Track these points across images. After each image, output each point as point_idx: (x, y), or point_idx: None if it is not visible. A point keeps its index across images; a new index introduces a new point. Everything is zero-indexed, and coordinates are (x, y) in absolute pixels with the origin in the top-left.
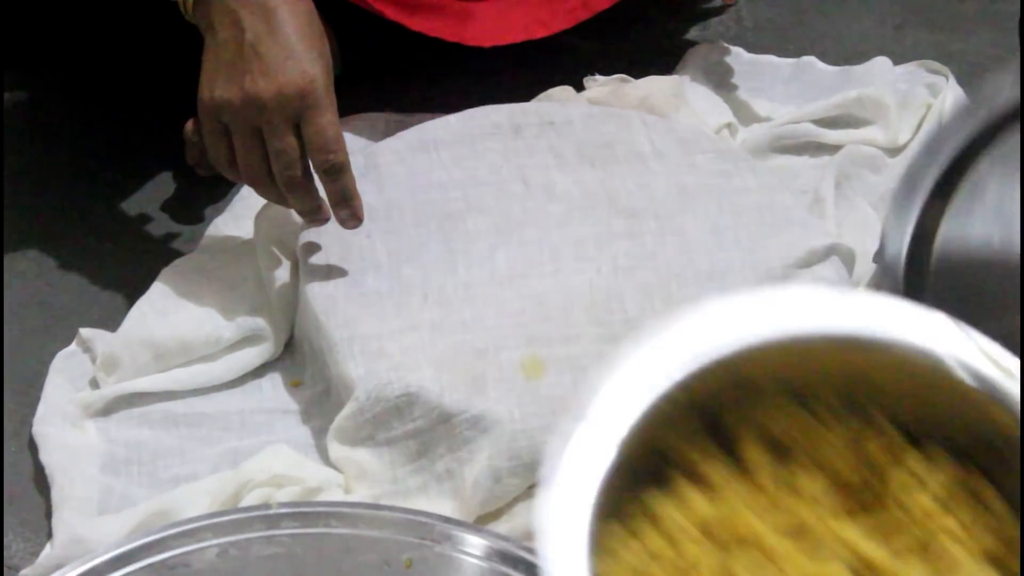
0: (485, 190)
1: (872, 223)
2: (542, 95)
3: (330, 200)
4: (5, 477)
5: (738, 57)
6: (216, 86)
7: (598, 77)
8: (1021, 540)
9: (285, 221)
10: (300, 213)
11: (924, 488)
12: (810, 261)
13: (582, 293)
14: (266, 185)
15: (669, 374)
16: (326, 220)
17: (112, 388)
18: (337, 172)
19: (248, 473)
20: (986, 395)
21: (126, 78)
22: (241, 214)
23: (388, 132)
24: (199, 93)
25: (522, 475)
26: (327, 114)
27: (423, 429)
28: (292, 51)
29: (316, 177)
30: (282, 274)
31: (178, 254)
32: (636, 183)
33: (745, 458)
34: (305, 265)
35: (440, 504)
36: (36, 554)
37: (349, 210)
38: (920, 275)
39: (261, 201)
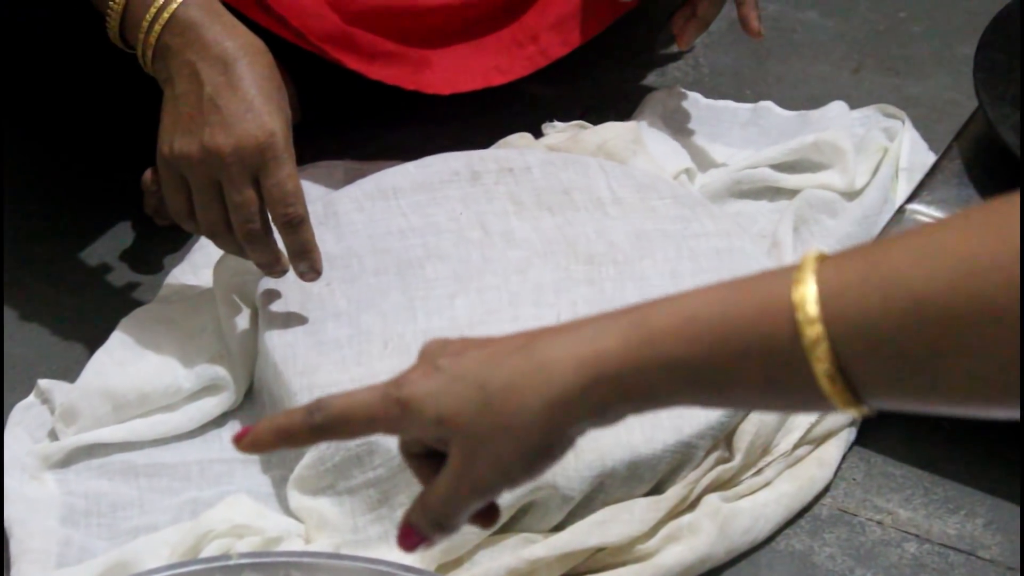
0: (444, 237)
1: None
2: (500, 142)
3: (289, 253)
4: None
5: (696, 102)
6: (175, 139)
7: (556, 124)
8: (1021, 538)
9: (244, 270)
10: (259, 266)
11: None
12: None
13: None
14: (225, 238)
15: None
16: (284, 272)
17: (71, 439)
18: (296, 225)
19: (208, 523)
20: None
21: (82, 128)
22: (200, 263)
23: (347, 180)
24: (158, 146)
25: None
26: (286, 167)
27: (384, 477)
28: (251, 105)
29: (275, 230)
30: (242, 322)
31: (137, 304)
32: (595, 229)
33: None
34: (265, 313)
35: (401, 553)
36: None
37: (308, 263)
38: None
39: (220, 250)
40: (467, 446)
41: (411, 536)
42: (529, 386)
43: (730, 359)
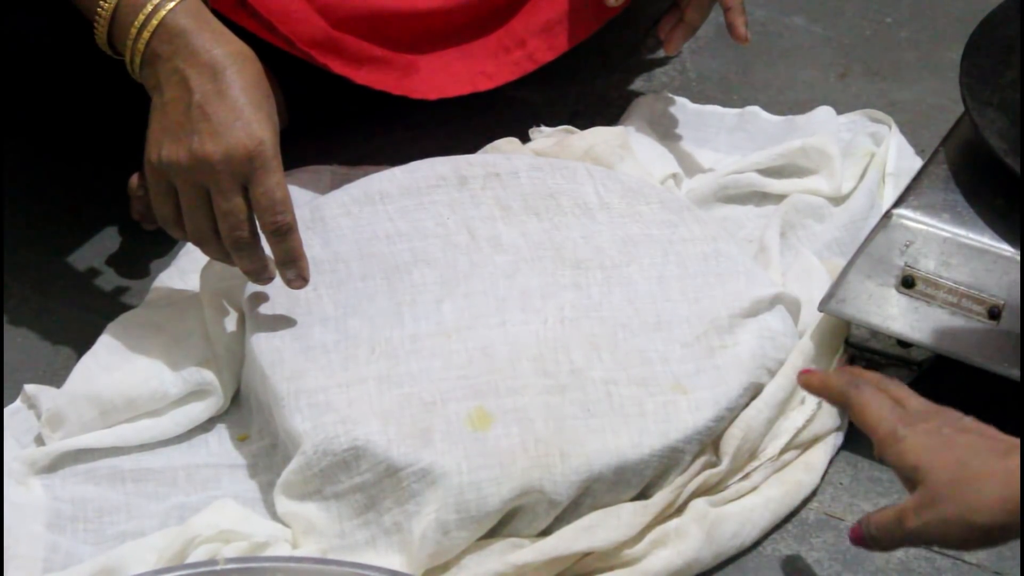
0: (431, 242)
1: (817, 272)
2: (488, 147)
3: (276, 260)
4: None
5: (683, 107)
6: (163, 146)
7: (543, 128)
8: (1021, 539)
9: (231, 274)
10: (246, 273)
11: None
12: (756, 310)
13: (528, 344)
14: (213, 245)
15: None
16: (271, 279)
17: (57, 445)
18: (284, 233)
19: (195, 529)
20: None
21: (69, 133)
22: (187, 268)
23: (334, 185)
24: (146, 153)
25: (470, 528)
26: (275, 175)
27: (370, 482)
28: (240, 113)
29: (263, 237)
30: (229, 327)
31: (124, 308)
32: (582, 234)
33: None
34: (251, 318)
35: (388, 558)
36: None
37: (295, 271)
38: None
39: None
40: (926, 496)
41: (856, 533)
42: (992, 481)
43: None
